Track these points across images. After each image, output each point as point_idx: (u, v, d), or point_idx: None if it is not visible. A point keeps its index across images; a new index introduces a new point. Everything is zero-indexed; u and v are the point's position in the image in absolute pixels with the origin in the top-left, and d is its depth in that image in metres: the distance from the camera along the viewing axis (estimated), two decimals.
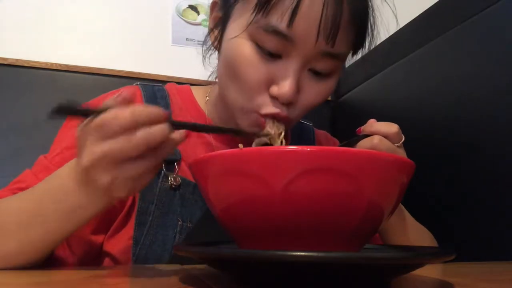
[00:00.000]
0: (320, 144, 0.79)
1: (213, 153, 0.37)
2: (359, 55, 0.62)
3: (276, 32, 0.52)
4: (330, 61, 0.55)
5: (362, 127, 0.58)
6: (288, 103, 0.55)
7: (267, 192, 0.34)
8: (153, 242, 0.60)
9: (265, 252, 0.30)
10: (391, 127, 0.57)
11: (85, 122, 0.39)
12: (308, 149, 0.33)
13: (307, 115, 0.68)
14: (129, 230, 0.60)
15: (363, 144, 0.55)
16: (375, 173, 0.34)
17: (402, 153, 0.58)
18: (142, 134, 0.38)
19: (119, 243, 0.60)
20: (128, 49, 1.37)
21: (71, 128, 0.63)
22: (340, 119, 1.30)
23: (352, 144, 0.56)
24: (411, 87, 0.96)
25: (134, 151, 0.38)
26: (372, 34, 0.60)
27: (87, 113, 0.39)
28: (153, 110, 0.39)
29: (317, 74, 0.56)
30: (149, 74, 1.21)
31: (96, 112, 0.38)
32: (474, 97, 0.78)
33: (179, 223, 0.61)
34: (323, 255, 0.28)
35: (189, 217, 0.62)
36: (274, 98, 0.55)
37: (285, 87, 0.53)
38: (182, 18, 1.49)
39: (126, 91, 0.39)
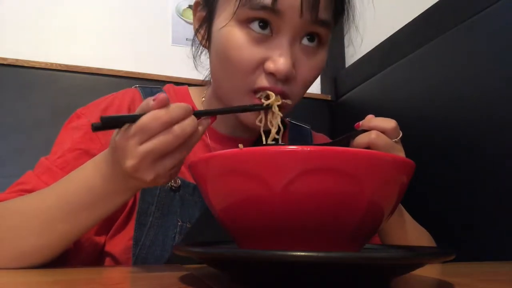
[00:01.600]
0: None
1: (213, 153, 0.37)
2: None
3: (263, 8, 0.53)
4: (319, 29, 0.57)
5: (361, 122, 0.58)
6: (285, 79, 0.56)
7: (267, 192, 0.34)
8: (153, 243, 0.60)
9: (265, 252, 0.30)
10: (389, 123, 0.57)
11: (123, 128, 0.42)
12: (308, 149, 0.33)
13: (306, 116, 0.68)
14: (130, 230, 0.60)
15: (360, 139, 0.55)
16: (375, 173, 0.34)
17: (399, 149, 0.58)
18: (178, 128, 0.41)
19: (120, 243, 0.60)
20: (128, 49, 1.36)
21: (72, 130, 0.63)
22: (340, 119, 1.30)
23: (350, 138, 0.56)
24: (411, 87, 0.96)
25: (174, 145, 0.42)
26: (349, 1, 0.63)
27: (126, 121, 0.42)
28: (183, 106, 0.42)
29: (308, 48, 0.58)
30: (149, 74, 1.21)
31: (133, 118, 0.41)
32: (474, 97, 0.78)
33: (179, 223, 0.61)
34: (323, 255, 0.28)
35: (189, 218, 0.62)
36: (270, 75, 0.56)
37: (280, 61, 0.54)
38: (182, 18, 1.48)
39: (161, 94, 0.42)
